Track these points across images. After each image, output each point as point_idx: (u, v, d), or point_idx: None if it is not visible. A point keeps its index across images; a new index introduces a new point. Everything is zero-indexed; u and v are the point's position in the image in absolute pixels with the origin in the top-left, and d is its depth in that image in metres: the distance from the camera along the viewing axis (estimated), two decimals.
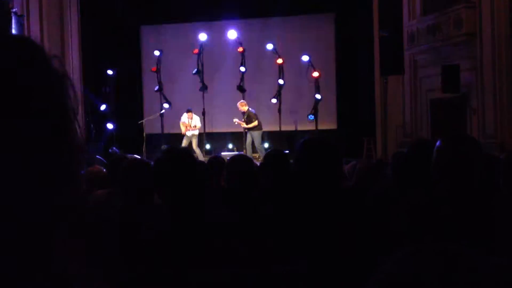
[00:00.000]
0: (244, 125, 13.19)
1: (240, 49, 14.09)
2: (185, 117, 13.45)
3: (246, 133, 13.54)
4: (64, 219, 0.67)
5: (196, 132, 13.46)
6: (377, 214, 2.15)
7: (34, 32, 12.75)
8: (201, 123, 13.69)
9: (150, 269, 2.00)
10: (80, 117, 14.33)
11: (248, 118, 13.07)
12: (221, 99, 15.06)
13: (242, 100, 13.44)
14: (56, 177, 0.66)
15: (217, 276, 1.91)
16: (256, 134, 13.04)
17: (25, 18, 12.20)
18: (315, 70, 13.77)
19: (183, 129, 13.48)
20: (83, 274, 0.68)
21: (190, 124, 13.37)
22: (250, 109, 13.18)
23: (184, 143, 13.21)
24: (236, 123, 13.41)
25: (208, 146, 14.47)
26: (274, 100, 13.89)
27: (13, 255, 0.62)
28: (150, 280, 1.97)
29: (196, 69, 14.13)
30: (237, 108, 13.58)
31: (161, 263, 2.01)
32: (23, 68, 0.65)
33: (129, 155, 6.83)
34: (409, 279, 0.57)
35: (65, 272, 0.66)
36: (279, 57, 13.95)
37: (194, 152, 13.15)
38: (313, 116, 13.68)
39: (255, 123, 12.99)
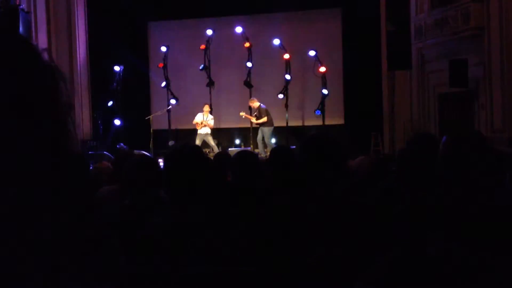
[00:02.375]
0: (254, 120, 13.19)
1: (247, 44, 14.06)
2: (199, 116, 13.35)
3: (255, 128, 13.55)
4: (63, 217, 0.66)
5: (209, 130, 13.40)
6: (380, 212, 2.15)
7: (41, 28, 12.80)
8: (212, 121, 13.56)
9: (155, 266, 2.01)
10: (88, 113, 14.48)
11: (259, 113, 13.07)
12: (228, 94, 15.07)
13: (252, 98, 13.41)
14: (48, 174, 0.64)
15: (219, 273, 1.92)
16: (266, 130, 13.04)
17: (32, 14, 12.25)
18: (322, 65, 13.72)
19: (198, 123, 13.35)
20: (84, 272, 0.68)
21: (206, 120, 13.18)
22: (261, 105, 13.16)
23: (197, 142, 13.09)
24: (243, 116, 13.40)
25: (215, 142, 14.49)
26: (281, 96, 13.85)
27: (14, 254, 0.61)
28: (154, 278, 1.98)
29: (203, 65, 14.12)
30: (244, 104, 13.56)
31: (166, 260, 2.02)
32: (9, 62, 0.62)
33: (136, 151, 6.86)
34: (403, 280, 0.57)
35: (65, 269, 0.65)
36: (286, 52, 13.92)
37: (212, 149, 13.13)
38: (320, 111, 13.64)
39: (265, 119, 12.98)
